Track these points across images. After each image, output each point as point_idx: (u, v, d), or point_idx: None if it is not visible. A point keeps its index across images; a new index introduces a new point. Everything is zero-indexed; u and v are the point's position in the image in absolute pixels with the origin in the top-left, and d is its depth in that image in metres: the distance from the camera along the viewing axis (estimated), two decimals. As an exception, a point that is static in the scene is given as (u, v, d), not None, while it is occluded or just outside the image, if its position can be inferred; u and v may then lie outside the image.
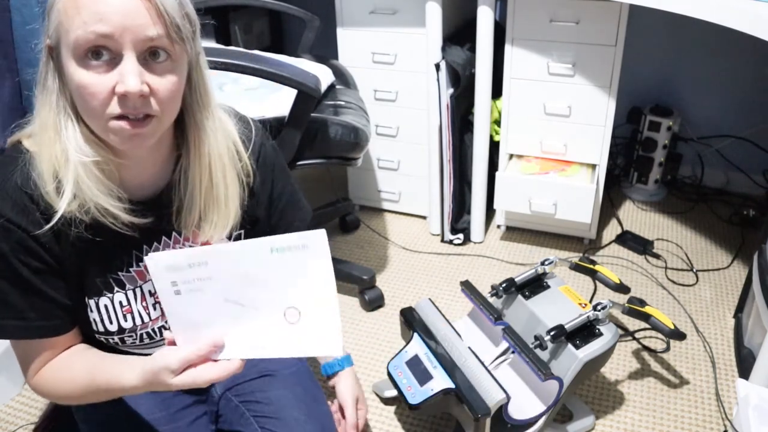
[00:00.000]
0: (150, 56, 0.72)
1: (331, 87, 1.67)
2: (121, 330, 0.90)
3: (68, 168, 0.76)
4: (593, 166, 1.82)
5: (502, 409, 1.12)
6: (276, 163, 1.00)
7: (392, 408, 1.38)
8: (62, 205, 0.76)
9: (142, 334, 0.93)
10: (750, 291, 1.48)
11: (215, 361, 0.77)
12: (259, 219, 0.98)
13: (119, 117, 0.72)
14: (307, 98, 1.32)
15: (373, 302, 1.69)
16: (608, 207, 2.14)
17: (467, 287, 1.38)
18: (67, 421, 0.94)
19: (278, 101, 1.44)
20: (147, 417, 0.99)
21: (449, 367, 1.17)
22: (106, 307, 0.88)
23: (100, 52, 0.70)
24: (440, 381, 1.14)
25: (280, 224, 1.03)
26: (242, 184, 0.91)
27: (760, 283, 1.34)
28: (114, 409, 0.97)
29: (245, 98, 1.49)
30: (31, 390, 0.89)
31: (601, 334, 1.20)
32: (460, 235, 1.96)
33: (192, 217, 0.87)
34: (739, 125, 2.14)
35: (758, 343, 1.31)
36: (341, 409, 1.17)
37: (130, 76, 0.70)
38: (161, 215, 0.87)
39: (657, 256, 1.88)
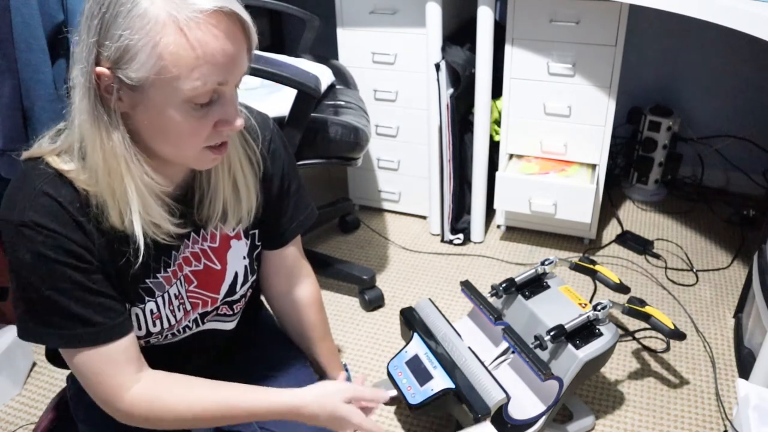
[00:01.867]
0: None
1: (331, 87, 1.67)
2: (148, 334, 0.90)
3: (132, 197, 0.76)
4: (593, 166, 1.82)
5: (502, 409, 1.12)
6: (286, 160, 1.01)
7: (392, 408, 1.38)
8: (138, 232, 0.77)
9: (167, 335, 0.93)
10: (750, 291, 1.48)
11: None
12: (269, 216, 0.99)
13: (210, 147, 0.76)
14: (307, 98, 1.32)
15: (373, 302, 1.69)
16: (608, 207, 2.14)
17: (467, 287, 1.38)
18: (67, 422, 0.93)
19: (278, 101, 1.44)
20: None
21: (449, 367, 1.17)
22: (137, 315, 0.87)
23: (206, 96, 0.71)
24: (440, 381, 1.14)
25: (285, 223, 1.04)
26: (255, 171, 0.92)
27: (760, 283, 1.34)
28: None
29: (245, 98, 1.49)
30: (124, 417, 0.82)
31: (601, 334, 1.20)
32: (460, 235, 1.96)
33: (216, 209, 0.87)
34: (739, 125, 2.14)
35: (758, 343, 1.31)
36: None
37: (235, 113, 0.74)
38: (190, 217, 0.87)
39: (657, 256, 1.88)
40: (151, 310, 0.88)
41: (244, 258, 0.98)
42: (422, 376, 1.17)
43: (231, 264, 0.96)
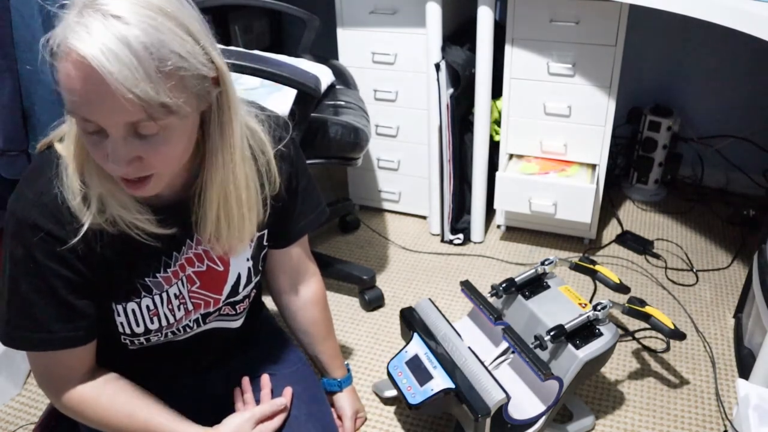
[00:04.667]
0: (138, 128, 0.69)
1: (331, 87, 1.67)
2: (147, 331, 0.90)
3: (92, 184, 0.77)
4: (593, 166, 1.82)
5: (502, 409, 1.12)
6: (299, 160, 1.01)
7: (392, 408, 1.38)
8: (87, 219, 0.77)
9: (167, 333, 0.93)
10: (750, 291, 1.48)
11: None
12: (276, 215, 0.98)
13: (124, 179, 0.74)
14: (307, 98, 1.32)
15: (373, 302, 1.69)
16: (608, 207, 2.14)
17: (467, 287, 1.38)
18: (67, 422, 0.94)
19: (278, 101, 1.44)
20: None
21: (449, 367, 1.17)
22: (133, 311, 0.88)
23: (90, 127, 0.69)
24: (440, 381, 1.14)
25: (292, 222, 1.04)
26: (265, 202, 0.92)
27: (760, 283, 1.34)
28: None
29: (246, 98, 1.49)
30: (60, 408, 0.90)
31: (601, 334, 1.20)
32: (460, 235, 1.96)
33: (207, 231, 0.87)
34: (739, 125, 2.13)
35: (758, 343, 1.31)
36: (340, 419, 1.18)
37: (114, 156, 0.69)
38: (183, 224, 0.87)
39: (657, 256, 1.88)
40: (148, 306, 0.88)
41: (248, 260, 0.98)
42: (422, 376, 1.17)
43: (234, 265, 0.96)
